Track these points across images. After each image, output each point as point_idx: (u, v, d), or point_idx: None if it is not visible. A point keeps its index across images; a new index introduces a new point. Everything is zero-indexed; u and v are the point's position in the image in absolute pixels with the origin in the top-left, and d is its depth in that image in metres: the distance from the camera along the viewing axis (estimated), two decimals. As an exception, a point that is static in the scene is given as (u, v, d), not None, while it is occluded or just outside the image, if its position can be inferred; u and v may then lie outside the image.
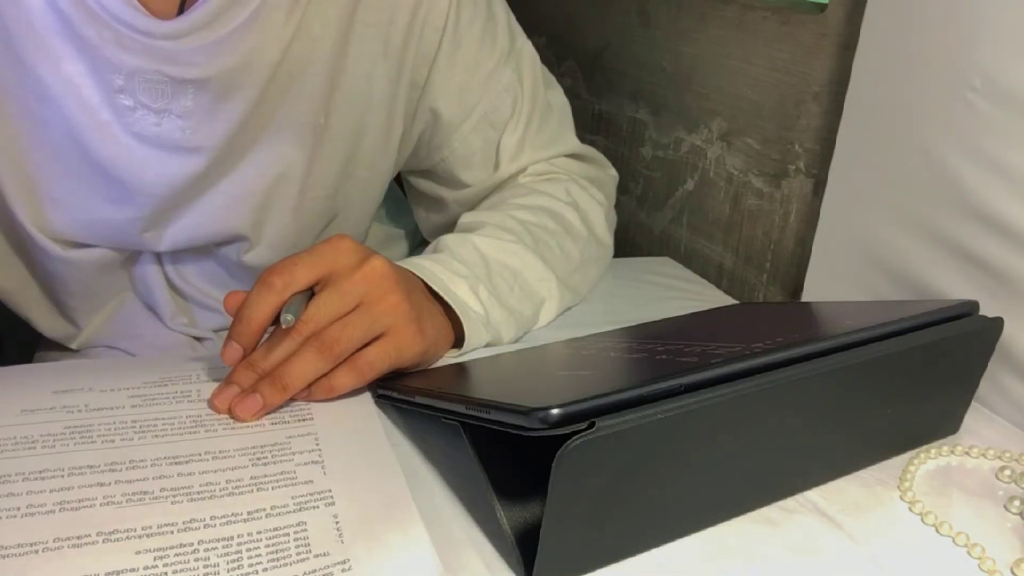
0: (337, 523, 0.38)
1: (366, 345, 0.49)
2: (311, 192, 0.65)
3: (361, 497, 0.40)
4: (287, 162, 0.63)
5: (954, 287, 0.55)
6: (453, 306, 0.55)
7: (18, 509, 0.37)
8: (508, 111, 0.70)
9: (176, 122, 0.58)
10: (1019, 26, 0.50)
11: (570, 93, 1.16)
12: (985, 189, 0.52)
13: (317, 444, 0.44)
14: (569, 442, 0.33)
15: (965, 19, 0.53)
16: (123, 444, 0.43)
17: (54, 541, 0.35)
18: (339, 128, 0.65)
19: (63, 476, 0.40)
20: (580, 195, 0.71)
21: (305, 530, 0.37)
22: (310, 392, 0.48)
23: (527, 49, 0.72)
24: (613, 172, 0.79)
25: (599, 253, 0.72)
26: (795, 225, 0.77)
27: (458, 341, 0.56)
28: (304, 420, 0.46)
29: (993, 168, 0.52)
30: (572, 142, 0.75)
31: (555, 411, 0.34)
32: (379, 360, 0.49)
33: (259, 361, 0.48)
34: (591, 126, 1.12)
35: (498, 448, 0.39)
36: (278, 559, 0.35)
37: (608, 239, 0.73)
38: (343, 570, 0.35)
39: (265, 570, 0.35)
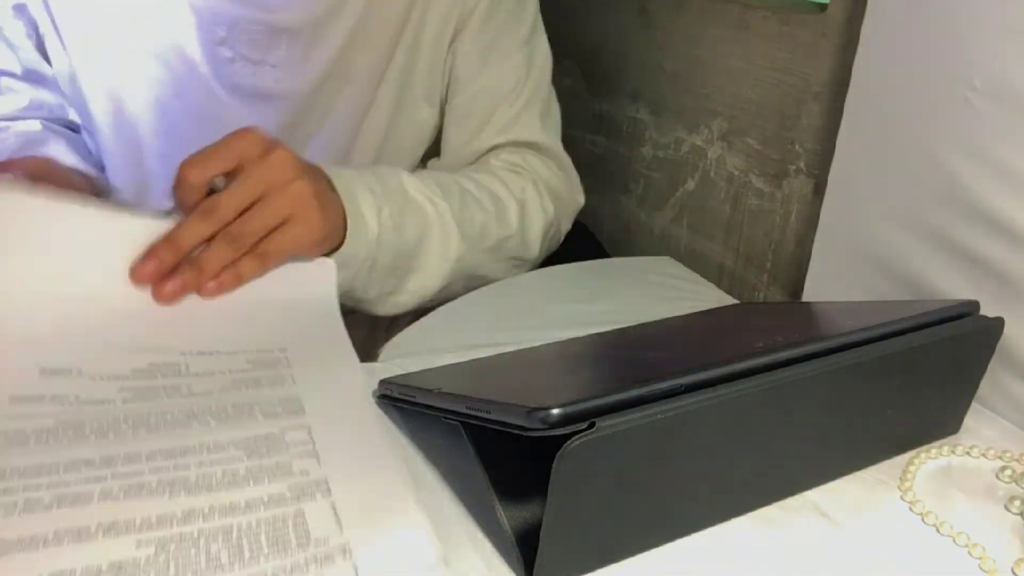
0: (335, 510, 0.38)
1: (273, 231, 0.51)
2: (365, 130, 0.71)
3: (358, 485, 0.40)
4: (363, 110, 0.69)
5: (954, 287, 0.55)
6: (346, 207, 0.56)
7: (15, 504, 0.37)
8: (509, 90, 0.74)
9: (270, 72, 0.63)
10: (1019, 26, 0.50)
11: (570, 93, 1.16)
12: (985, 189, 0.52)
13: (311, 436, 0.44)
14: (569, 442, 0.33)
15: (965, 19, 0.53)
16: (116, 440, 0.42)
17: (54, 535, 0.35)
18: (394, 75, 0.70)
19: (59, 472, 0.39)
20: (532, 197, 0.73)
21: (304, 518, 0.38)
22: (219, 282, 0.51)
23: (543, 47, 0.78)
24: (581, 199, 0.81)
25: (519, 252, 0.73)
26: (795, 225, 0.77)
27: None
28: (296, 413, 0.46)
29: (993, 168, 0.52)
30: (556, 145, 0.78)
31: (555, 411, 0.34)
32: (282, 246, 0.52)
33: (179, 241, 0.50)
34: (591, 126, 1.12)
35: (498, 448, 0.39)
36: (279, 547, 0.36)
37: (536, 247, 0.74)
38: (344, 556, 0.36)
39: (267, 558, 0.35)
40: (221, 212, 0.51)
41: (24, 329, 0.48)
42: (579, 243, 0.96)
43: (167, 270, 0.50)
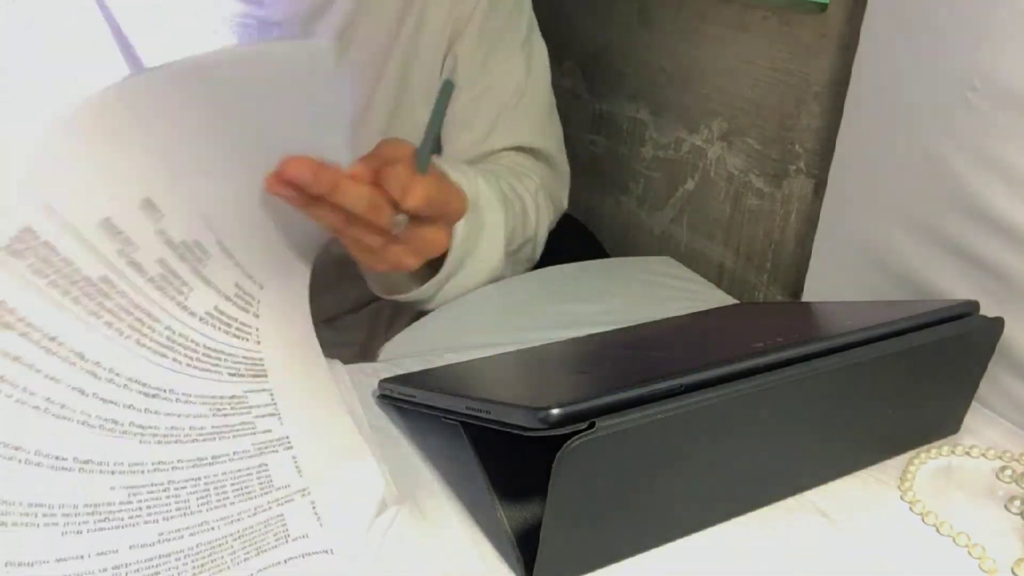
0: (296, 462, 0.41)
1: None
2: (363, 131, 0.70)
3: (317, 439, 0.43)
4: (359, 110, 0.69)
5: (954, 287, 0.55)
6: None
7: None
8: (511, 93, 0.74)
9: None
10: (1019, 26, 0.50)
11: (570, 93, 1.16)
12: (985, 189, 0.52)
13: (273, 400, 0.45)
14: (569, 442, 0.33)
15: (965, 19, 0.53)
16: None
17: (35, 454, 0.36)
18: (392, 76, 0.71)
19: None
20: (542, 201, 0.74)
21: (267, 470, 0.41)
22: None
23: (541, 48, 0.78)
24: (565, 203, 0.81)
25: (531, 256, 0.74)
26: (796, 225, 0.77)
27: None
28: (258, 376, 0.46)
29: (993, 168, 0.52)
30: (554, 148, 0.78)
31: (555, 411, 0.34)
32: None
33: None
34: (591, 126, 1.12)
35: (498, 448, 0.39)
36: (243, 493, 0.39)
37: (540, 252, 0.75)
38: (303, 495, 0.40)
39: (232, 503, 0.38)
40: None
41: None
42: (579, 243, 0.96)
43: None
